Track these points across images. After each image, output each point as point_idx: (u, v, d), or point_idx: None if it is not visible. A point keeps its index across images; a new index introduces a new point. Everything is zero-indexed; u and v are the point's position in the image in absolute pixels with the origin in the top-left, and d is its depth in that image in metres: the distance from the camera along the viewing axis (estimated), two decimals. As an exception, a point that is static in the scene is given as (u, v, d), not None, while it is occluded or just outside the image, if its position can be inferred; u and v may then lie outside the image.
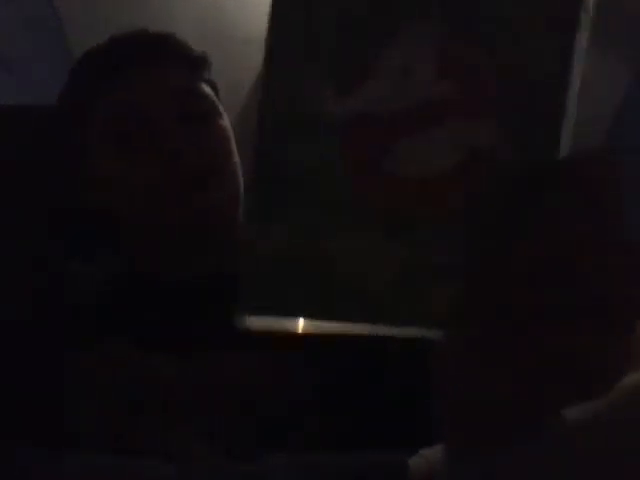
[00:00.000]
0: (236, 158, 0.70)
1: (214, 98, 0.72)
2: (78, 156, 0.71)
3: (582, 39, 0.26)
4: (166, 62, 0.70)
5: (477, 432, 0.29)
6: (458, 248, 0.26)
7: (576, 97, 0.26)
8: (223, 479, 0.46)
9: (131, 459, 0.47)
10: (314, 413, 0.59)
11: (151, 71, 0.69)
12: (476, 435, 0.29)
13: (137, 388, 0.60)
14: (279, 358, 0.61)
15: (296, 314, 0.28)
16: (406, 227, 0.26)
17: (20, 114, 0.97)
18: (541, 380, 0.25)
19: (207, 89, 0.71)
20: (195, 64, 0.72)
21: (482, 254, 0.25)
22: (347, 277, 0.27)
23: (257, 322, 0.28)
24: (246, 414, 0.59)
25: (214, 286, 0.68)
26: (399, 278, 0.26)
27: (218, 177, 0.68)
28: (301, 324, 0.28)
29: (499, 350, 0.25)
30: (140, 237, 0.70)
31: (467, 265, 0.26)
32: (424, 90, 0.26)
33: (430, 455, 0.39)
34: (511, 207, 0.25)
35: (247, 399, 0.59)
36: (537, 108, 0.26)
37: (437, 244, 0.26)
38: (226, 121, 0.71)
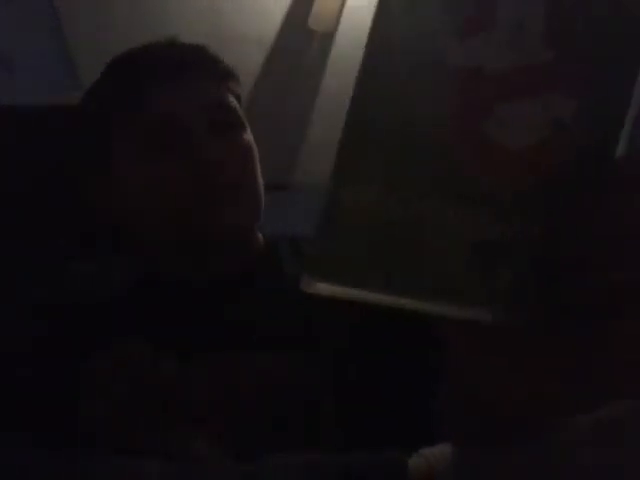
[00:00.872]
0: (259, 170, 0.71)
1: (240, 111, 0.72)
2: (104, 161, 0.71)
3: None
4: (197, 74, 0.70)
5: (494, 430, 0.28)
6: (532, 227, 0.25)
7: None
8: (223, 479, 0.46)
9: (127, 459, 0.47)
10: (315, 413, 0.59)
11: (182, 82, 0.69)
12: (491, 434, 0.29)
13: (138, 388, 0.60)
14: (280, 359, 0.61)
15: (370, 283, 0.25)
16: (492, 200, 0.25)
17: (20, 114, 0.97)
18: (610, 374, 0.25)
19: (234, 102, 0.72)
20: (223, 76, 0.73)
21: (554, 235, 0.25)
22: (430, 248, 0.25)
23: (325, 288, 0.25)
24: (247, 414, 0.59)
25: (224, 288, 0.68)
26: (471, 257, 0.25)
27: (247, 191, 0.69)
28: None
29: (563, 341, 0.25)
30: (165, 245, 0.70)
31: (541, 246, 0.25)
32: (530, 54, 0.25)
33: (430, 455, 0.39)
34: (571, 190, 0.25)
35: (248, 399, 0.60)
36: (610, 93, 0.26)
37: (511, 221, 0.25)
38: (250, 134, 0.72)
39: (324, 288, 0.25)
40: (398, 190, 0.25)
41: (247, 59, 1.59)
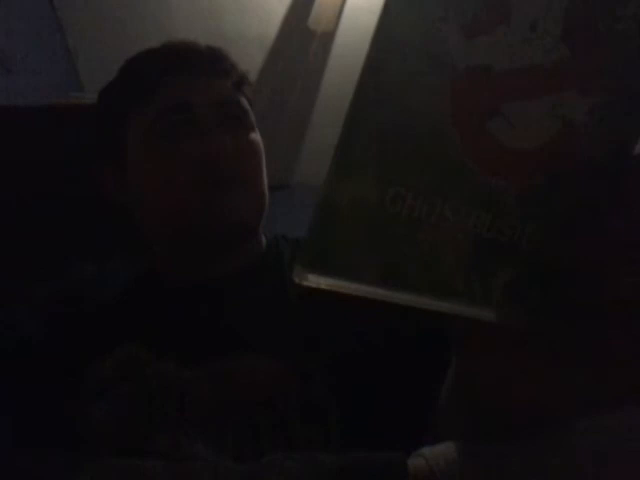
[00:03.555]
0: (265, 171, 0.72)
1: (251, 113, 0.74)
2: (118, 153, 0.72)
3: None
4: (213, 72, 0.72)
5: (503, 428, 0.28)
6: (534, 227, 0.25)
7: None
8: (223, 479, 0.46)
9: (128, 459, 0.47)
10: (315, 413, 0.59)
11: (197, 79, 0.71)
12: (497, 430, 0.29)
13: (138, 389, 0.60)
14: (280, 359, 0.61)
15: (364, 277, 0.25)
16: (492, 199, 0.25)
17: (20, 114, 0.97)
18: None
19: (247, 104, 0.74)
20: (238, 80, 0.75)
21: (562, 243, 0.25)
22: (427, 245, 0.25)
23: (317, 280, 0.25)
24: (247, 414, 0.59)
25: (225, 288, 0.68)
26: (470, 255, 0.25)
27: (251, 188, 0.70)
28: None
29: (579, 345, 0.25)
30: (165, 245, 0.71)
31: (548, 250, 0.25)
32: (544, 52, 0.25)
33: (430, 455, 0.39)
34: (577, 194, 0.25)
35: (248, 400, 0.60)
36: (627, 93, 0.25)
37: (515, 224, 0.25)
38: (259, 136, 0.74)
39: (315, 280, 0.25)
40: (396, 186, 0.25)
41: (247, 59, 1.59)
